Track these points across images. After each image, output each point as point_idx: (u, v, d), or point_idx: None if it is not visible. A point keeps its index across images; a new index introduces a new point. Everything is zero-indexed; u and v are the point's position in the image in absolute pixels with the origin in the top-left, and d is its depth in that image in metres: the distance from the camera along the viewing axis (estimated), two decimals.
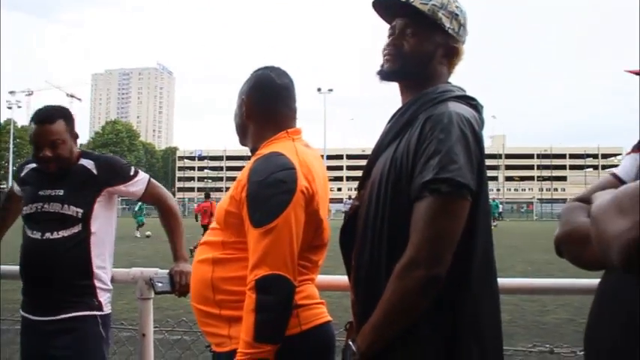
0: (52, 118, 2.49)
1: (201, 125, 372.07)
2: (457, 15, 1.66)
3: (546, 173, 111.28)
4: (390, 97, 1.76)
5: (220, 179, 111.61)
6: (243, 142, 2.06)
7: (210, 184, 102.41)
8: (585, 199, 1.27)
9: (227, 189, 2.03)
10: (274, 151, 1.84)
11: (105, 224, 2.57)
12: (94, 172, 2.54)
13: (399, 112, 1.65)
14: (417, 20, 1.64)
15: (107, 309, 2.52)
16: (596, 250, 0.99)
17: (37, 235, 2.44)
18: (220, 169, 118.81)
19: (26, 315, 2.49)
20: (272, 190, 1.73)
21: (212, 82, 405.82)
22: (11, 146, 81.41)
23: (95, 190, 2.53)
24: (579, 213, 1.23)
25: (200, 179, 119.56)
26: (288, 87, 2.00)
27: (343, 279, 2.43)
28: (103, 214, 2.55)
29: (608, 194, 1.01)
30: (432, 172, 1.40)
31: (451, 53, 1.68)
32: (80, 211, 2.47)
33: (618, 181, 1.32)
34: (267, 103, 1.97)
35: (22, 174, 2.64)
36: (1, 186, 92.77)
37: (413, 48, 1.64)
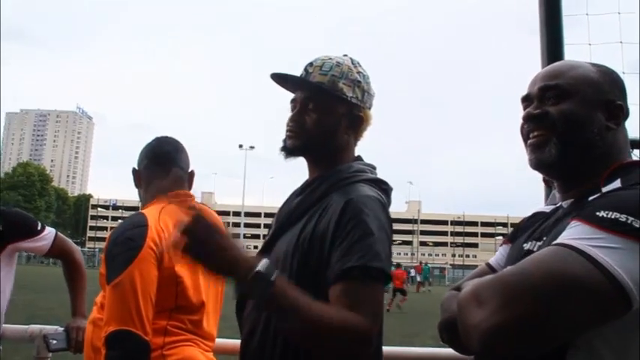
0: None
1: (119, 174, 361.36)
2: (359, 82, 1.65)
3: (459, 239, 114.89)
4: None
5: None
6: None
7: None
8: (459, 288, 1.36)
9: None
10: (137, 212, 1.94)
11: (5, 280, 2.50)
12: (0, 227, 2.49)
13: (309, 189, 1.64)
14: (317, 93, 1.62)
15: None
16: (461, 337, 1.04)
17: None
18: None
19: None
20: (120, 248, 1.79)
21: (132, 130, 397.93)
22: None
23: (0, 245, 2.47)
24: (454, 301, 1.32)
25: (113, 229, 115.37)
26: (168, 153, 2.10)
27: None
28: (4, 269, 2.49)
29: (472, 285, 1.06)
30: (360, 260, 1.38)
31: (356, 122, 1.66)
32: None
33: (491, 270, 1.40)
34: (147, 170, 2.09)
35: None
36: None
37: (315, 123, 1.61)
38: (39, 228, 2.59)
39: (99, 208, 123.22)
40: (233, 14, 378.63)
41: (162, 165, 2.08)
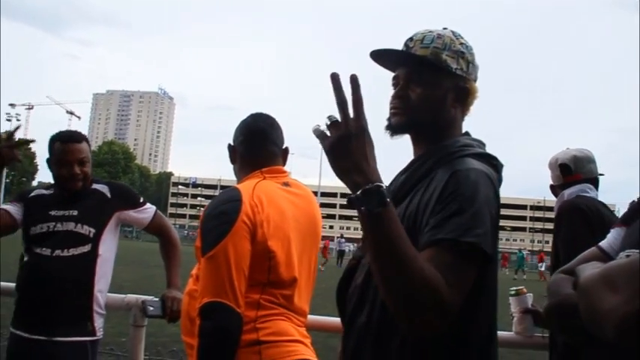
0: (79, 138, 2.61)
1: (198, 153, 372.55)
2: (463, 53, 1.55)
3: (538, 225, 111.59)
4: (385, 138, 1.59)
5: None
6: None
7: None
8: (570, 272, 1.28)
9: None
10: (232, 187, 1.96)
11: (110, 248, 2.64)
12: (108, 195, 2.66)
13: (414, 166, 1.55)
14: (420, 67, 1.54)
15: (99, 334, 2.55)
16: (585, 324, 0.99)
17: (47, 252, 2.48)
18: (213, 197, 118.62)
19: (17, 332, 2.50)
20: (214, 222, 1.84)
21: (211, 110, 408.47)
22: None
23: (108, 213, 2.63)
24: (566, 285, 1.23)
25: (193, 206, 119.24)
26: (263, 130, 2.11)
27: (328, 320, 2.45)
28: (110, 237, 2.63)
29: (596, 268, 1.01)
30: (451, 233, 1.27)
31: (462, 95, 1.56)
32: (93, 230, 2.55)
33: (603, 254, 1.32)
34: (242, 146, 2.12)
35: (30, 195, 2.68)
36: None
37: (420, 98, 1.52)
38: (141, 201, 2.76)
39: (179, 186, 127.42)
40: None
41: (257, 141, 2.11)
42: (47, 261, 2.47)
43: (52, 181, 2.67)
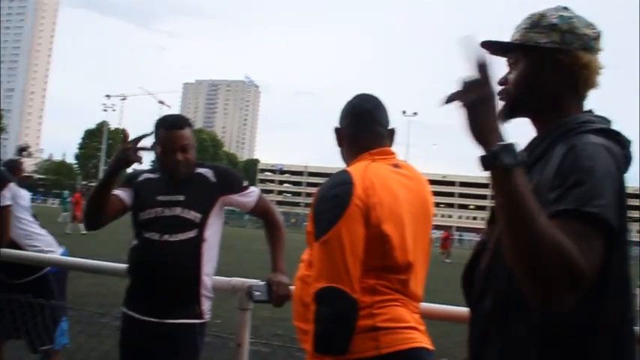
0: (182, 124, 2.62)
1: (283, 139, 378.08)
2: (555, 24, 1.48)
3: None
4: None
5: (299, 194, 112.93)
6: None
7: (290, 199, 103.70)
8: None
9: (306, 204, 2.07)
10: (342, 170, 1.91)
11: (216, 232, 2.65)
12: (213, 180, 2.65)
13: (533, 144, 1.51)
14: (509, 52, 1.56)
15: (207, 317, 2.58)
16: None
17: (155, 237, 2.52)
18: (300, 184, 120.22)
19: (130, 313, 2.56)
20: (327, 205, 1.80)
21: (296, 97, 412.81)
22: (104, 147, 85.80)
23: (212, 197, 2.63)
24: None
25: (279, 193, 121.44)
26: (370, 111, 2.06)
27: (450, 309, 2.36)
28: (215, 222, 2.65)
29: None
30: (572, 203, 1.20)
31: (564, 68, 1.47)
32: (199, 216, 2.56)
33: None
34: (349, 129, 2.07)
35: (138, 180, 2.71)
36: (91, 184, 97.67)
37: (515, 82, 1.52)
38: (245, 184, 2.74)
39: (266, 172, 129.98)
40: None
41: (364, 123, 2.06)
42: (156, 246, 2.51)
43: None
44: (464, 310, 1.65)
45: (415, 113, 63.86)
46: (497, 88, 1.26)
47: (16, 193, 3.42)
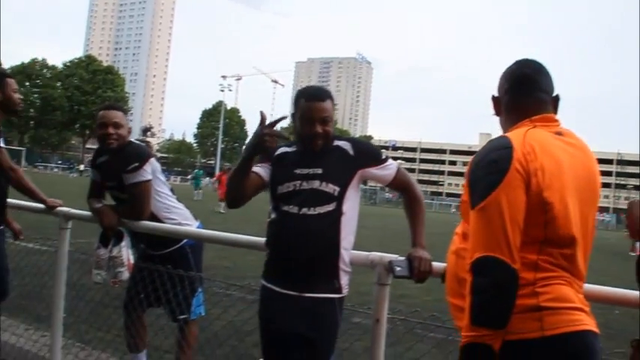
0: (323, 96, 2.56)
1: (395, 116, 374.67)
2: None
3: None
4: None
5: (413, 171, 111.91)
6: None
7: None
8: None
9: (420, 181, 1.95)
10: (500, 135, 1.82)
11: (354, 206, 2.59)
12: (351, 153, 2.59)
13: None
14: None
15: (345, 291, 2.54)
16: None
17: (294, 210, 2.50)
18: (414, 160, 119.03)
19: (269, 285, 2.57)
20: (484, 171, 1.70)
21: (408, 73, 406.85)
22: (221, 126, 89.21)
23: (351, 170, 2.57)
24: None
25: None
26: (530, 76, 1.92)
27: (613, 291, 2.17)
28: (353, 195, 2.58)
29: None
30: None
31: None
32: (337, 189, 2.51)
33: None
34: (507, 95, 1.96)
35: (276, 154, 2.69)
36: (210, 162, 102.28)
37: None
38: (383, 157, 2.66)
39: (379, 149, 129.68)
40: None
41: (524, 89, 1.92)
42: (295, 219, 2.49)
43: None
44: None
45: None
46: None
47: (156, 168, 3.54)
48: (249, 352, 3.80)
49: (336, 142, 2.61)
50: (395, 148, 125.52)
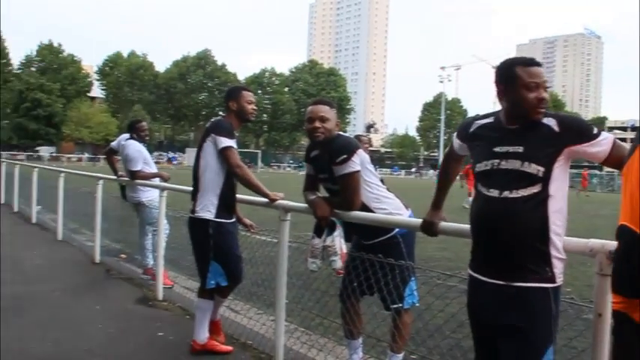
0: (539, 62, 2.44)
1: (634, 93, 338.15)
2: None
3: None
4: None
5: None
6: None
7: None
8: None
9: None
10: None
11: (562, 187, 2.35)
12: (556, 129, 2.33)
13: None
14: None
15: (559, 281, 2.32)
16: None
17: (494, 194, 2.36)
18: None
19: (475, 275, 2.46)
20: None
21: None
22: (442, 117, 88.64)
23: (556, 148, 2.33)
24: None
25: None
26: None
27: None
28: (560, 176, 2.34)
29: None
30: None
31: None
32: (541, 169, 2.30)
33: None
34: None
35: (472, 130, 2.58)
36: (433, 154, 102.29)
37: None
38: (595, 132, 2.33)
39: (615, 130, 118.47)
40: None
41: None
42: (496, 203, 2.34)
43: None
44: None
45: None
46: None
47: (364, 159, 3.61)
48: (460, 343, 3.69)
49: (542, 119, 2.37)
50: (634, 129, 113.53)
